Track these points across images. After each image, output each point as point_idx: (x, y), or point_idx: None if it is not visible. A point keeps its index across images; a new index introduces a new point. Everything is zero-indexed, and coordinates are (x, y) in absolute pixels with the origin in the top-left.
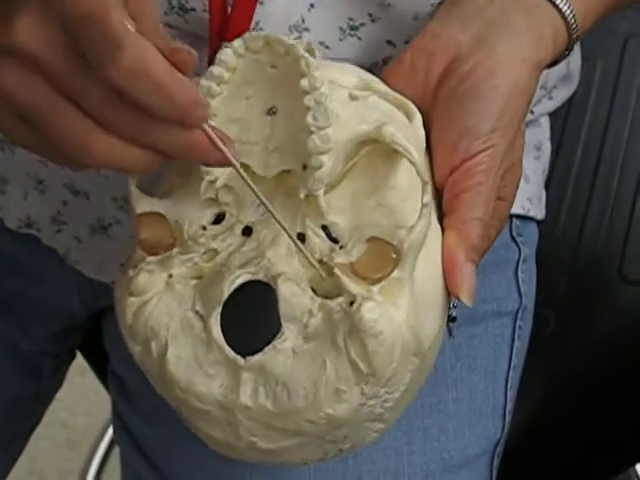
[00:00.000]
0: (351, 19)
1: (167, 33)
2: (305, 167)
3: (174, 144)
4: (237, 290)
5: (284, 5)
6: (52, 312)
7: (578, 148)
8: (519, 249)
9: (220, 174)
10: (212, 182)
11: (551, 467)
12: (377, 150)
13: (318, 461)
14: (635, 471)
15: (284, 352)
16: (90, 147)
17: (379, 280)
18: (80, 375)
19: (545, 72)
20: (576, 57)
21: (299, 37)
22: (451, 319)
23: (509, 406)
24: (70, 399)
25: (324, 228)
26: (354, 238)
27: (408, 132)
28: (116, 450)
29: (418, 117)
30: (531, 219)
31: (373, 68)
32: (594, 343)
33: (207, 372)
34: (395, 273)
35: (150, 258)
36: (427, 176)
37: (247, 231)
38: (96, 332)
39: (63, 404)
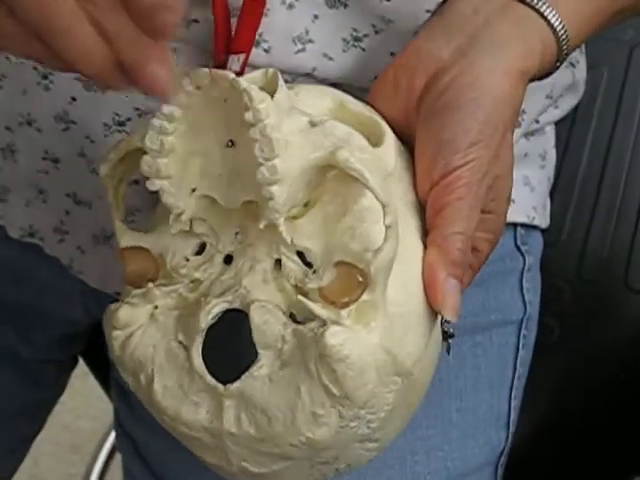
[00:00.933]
0: (355, 30)
1: None
2: None
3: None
4: (221, 317)
5: (288, 16)
6: (55, 320)
7: (583, 156)
8: (524, 258)
9: (185, 207)
10: (179, 215)
11: (555, 476)
12: (346, 174)
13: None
14: None
15: (260, 379)
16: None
17: (347, 304)
18: (83, 379)
19: (551, 81)
20: (582, 67)
21: (303, 49)
22: (448, 335)
23: (513, 416)
24: (73, 403)
25: (299, 254)
26: (325, 263)
27: (365, 155)
28: (119, 454)
29: (389, 137)
30: (536, 228)
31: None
32: (599, 352)
33: (193, 400)
34: (365, 296)
35: (135, 292)
36: (389, 198)
37: (228, 259)
38: (98, 339)
39: (66, 407)
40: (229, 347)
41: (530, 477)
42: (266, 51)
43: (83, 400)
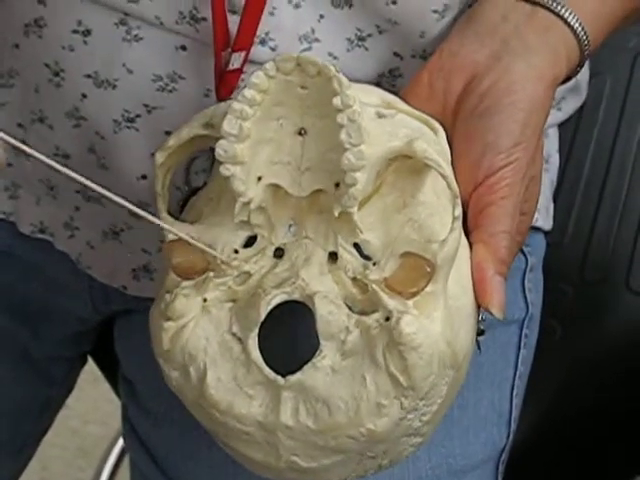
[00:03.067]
0: (359, 30)
1: None
2: (337, 185)
3: None
4: (271, 312)
5: (294, 16)
6: (64, 317)
7: (587, 160)
8: (526, 259)
9: (254, 195)
10: (246, 204)
11: (556, 475)
12: (403, 167)
13: (358, 477)
14: None
15: (323, 370)
16: None
17: (414, 294)
18: (92, 383)
19: None
20: (584, 69)
21: (309, 48)
22: (479, 333)
23: (514, 414)
24: (82, 407)
25: (356, 246)
26: (387, 254)
27: (437, 147)
28: (127, 459)
29: (442, 133)
30: (539, 230)
31: (380, 79)
32: (601, 353)
33: (247, 393)
34: (429, 287)
35: (185, 283)
36: (458, 191)
37: (278, 253)
38: (107, 337)
39: (74, 412)
40: (279, 341)
41: (531, 475)
42: (272, 49)
43: (92, 405)
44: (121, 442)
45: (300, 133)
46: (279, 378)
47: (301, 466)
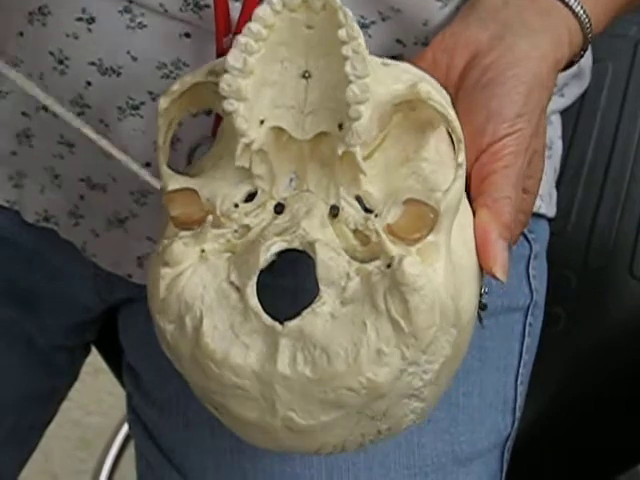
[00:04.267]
0: (362, 17)
1: None
2: (341, 127)
3: None
4: (272, 270)
5: None
6: (68, 306)
7: (589, 148)
8: (530, 245)
9: (256, 137)
10: (247, 146)
11: (561, 463)
12: (406, 123)
13: (357, 447)
14: None
15: (322, 316)
16: None
17: (417, 240)
18: (93, 375)
19: None
20: (587, 55)
21: None
22: (482, 307)
23: (519, 401)
24: (83, 399)
25: (357, 200)
26: (389, 203)
27: (443, 94)
28: (129, 450)
29: (446, 95)
30: (542, 217)
31: None
32: (604, 340)
33: (244, 342)
34: (431, 237)
35: (183, 232)
36: (462, 137)
37: (279, 208)
38: (111, 327)
39: (76, 404)
40: (280, 306)
41: (536, 463)
42: None
43: (94, 396)
44: (123, 434)
45: (304, 76)
46: (277, 324)
47: (298, 424)
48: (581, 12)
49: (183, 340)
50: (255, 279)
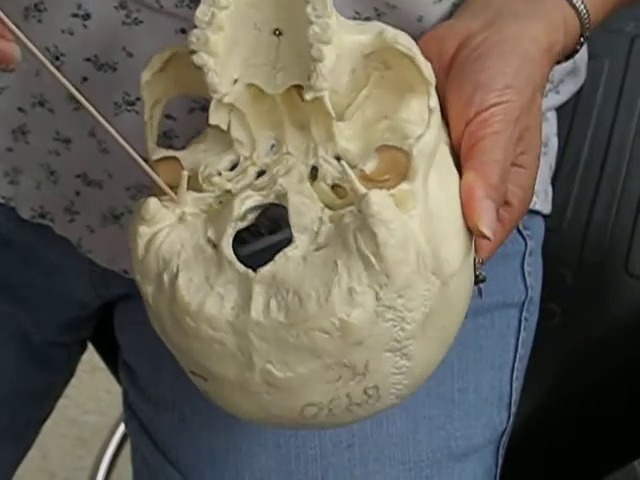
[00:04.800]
0: (357, 13)
1: None
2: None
3: None
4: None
5: None
6: (64, 302)
7: (585, 144)
8: (525, 242)
9: (228, 92)
10: (220, 101)
11: (556, 458)
12: (387, 82)
13: (344, 411)
14: None
15: (294, 259)
16: None
17: (387, 182)
18: (90, 373)
19: None
20: (582, 52)
21: None
22: (480, 280)
23: (515, 397)
24: (81, 397)
25: (337, 159)
26: (365, 156)
27: (412, 44)
28: (127, 448)
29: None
30: (538, 213)
31: None
32: (599, 337)
33: (218, 292)
34: (406, 185)
35: (165, 197)
36: (433, 80)
37: (261, 174)
38: (107, 323)
39: (73, 402)
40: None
41: (531, 459)
42: None
43: (91, 394)
44: (120, 431)
45: (275, 34)
46: (250, 271)
47: (277, 377)
48: (578, 2)
49: (162, 298)
50: (230, 231)
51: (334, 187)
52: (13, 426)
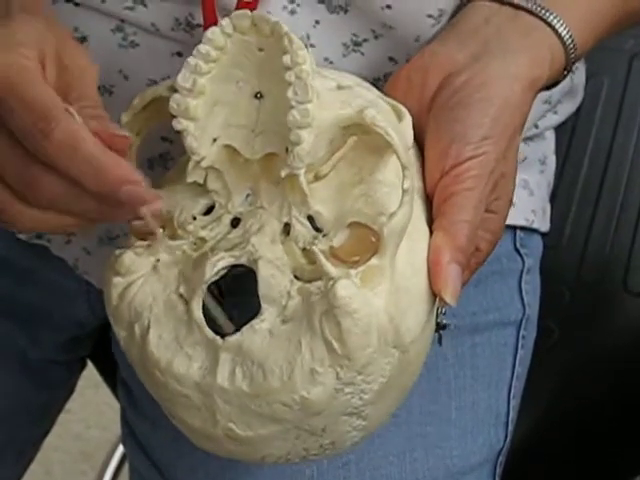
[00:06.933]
0: (355, 35)
1: (103, 113)
2: (287, 150)
3: (102, 214)
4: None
5: (290, 22)
6: (62, 321)
7: (584, 162)
8: (522, 260)
9: (207, 154)
10: (198, 162)
11: (554, 477)
12: (363, 145)
13: (301, 459)
14: None
15: (261, 332)
16: (15, 219)
17: (356, 263)
18: (93, 389)
19: None
20: (580, 72)
21: None
22: (441, 327)
23: (512, 415)
24: (84, 412)
25: (310, 219)
26: (337, 225)
27: (392, 121)
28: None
29: (408, 118)
30: (535, 231)
31: (375, 83)
32: (598, 354)
33: (187, 353)
34: (375, 260)
35: (139, 242)
36: (410, 165)
37: (235, 222)
38: (106, 341)
39: (77, 417)
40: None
41: (528, 477)
42: None
43: (94, 410)
44: (122, 447)
45: (257, 96)
46: (218, 338)
47: (238, 434)
48: (565, 33)
49: (133, 347)
50: (202, 292)
51: (304, 250)
52: (13, 442)
